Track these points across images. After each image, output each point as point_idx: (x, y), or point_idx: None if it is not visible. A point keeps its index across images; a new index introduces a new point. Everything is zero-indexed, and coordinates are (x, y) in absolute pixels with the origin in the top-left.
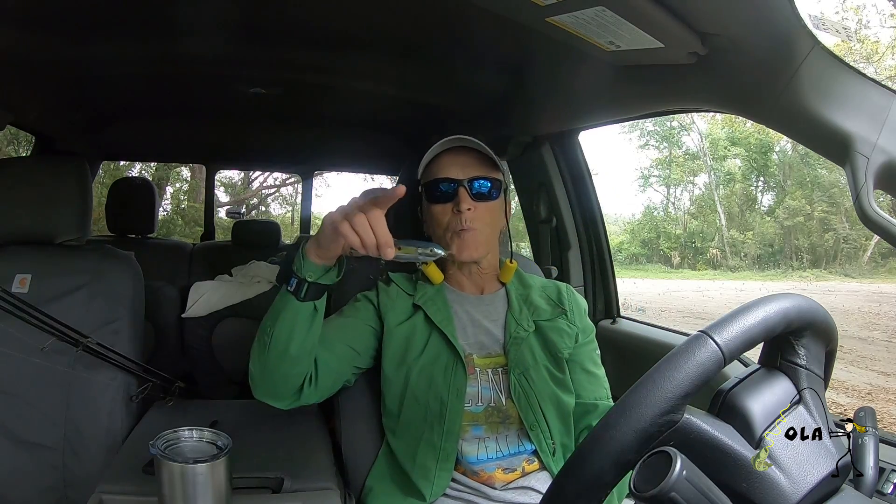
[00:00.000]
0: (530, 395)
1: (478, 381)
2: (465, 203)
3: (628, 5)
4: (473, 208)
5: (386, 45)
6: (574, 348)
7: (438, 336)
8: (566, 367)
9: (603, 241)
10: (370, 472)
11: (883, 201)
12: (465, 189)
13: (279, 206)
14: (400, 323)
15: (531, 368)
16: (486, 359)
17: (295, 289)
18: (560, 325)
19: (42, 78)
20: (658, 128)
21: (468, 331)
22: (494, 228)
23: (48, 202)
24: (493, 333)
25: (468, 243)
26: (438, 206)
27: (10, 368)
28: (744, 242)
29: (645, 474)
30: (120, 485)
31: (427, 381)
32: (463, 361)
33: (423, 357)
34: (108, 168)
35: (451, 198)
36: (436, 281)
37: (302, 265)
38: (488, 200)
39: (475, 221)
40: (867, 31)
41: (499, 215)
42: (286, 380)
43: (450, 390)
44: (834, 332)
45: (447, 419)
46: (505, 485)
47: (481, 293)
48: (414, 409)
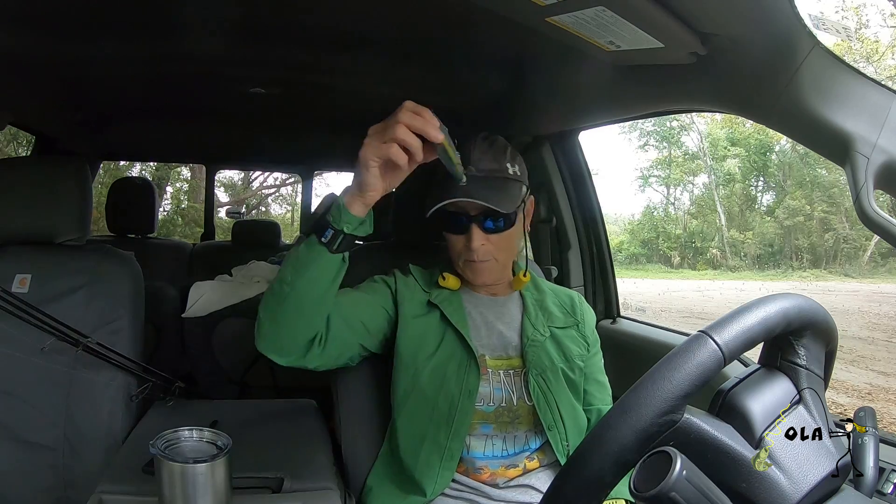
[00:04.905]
0: (549, 396)
1: (490, 382)
2: (476, 240)
3: (628, 5)
4: (486, 241)
5: (386, 45)
6: (586, 359)
7: (453, 335)
8: (582, 373)
9: (603, 241)
10: (370, 471)
11: (883, 201)
12: (476, 226)
13: (279, 206)
14: (415, 317)
15: (549, 370)
16: (498, 360)
17: (329, 240)
18: (573, 334)
19: (42, 78)
20: (658, 128)
21: (482, 332)
22: (510, 252)
23: (48, 202)
24: (506, 336)
25: (481, 274)
26: (451, 235)
27: (10, 368)
28: (744, 242)
29: (645, 474)
30: (120, 485)
31: (439, 380)
32: (477, 362)
33: (435, 356)
34: (108, 168)
35: (462, 230)
36: (454, 288)
37: (340, 216)
38: (502, 231)
39: (489, 253)
40: (867, 30)
41: (515, 240)
42: (296, 334)
43: (462, 390)
44: (834, 332)
45: (456, 419)
46: (507, 481)
47: (494, 295)
48: (420, 406)
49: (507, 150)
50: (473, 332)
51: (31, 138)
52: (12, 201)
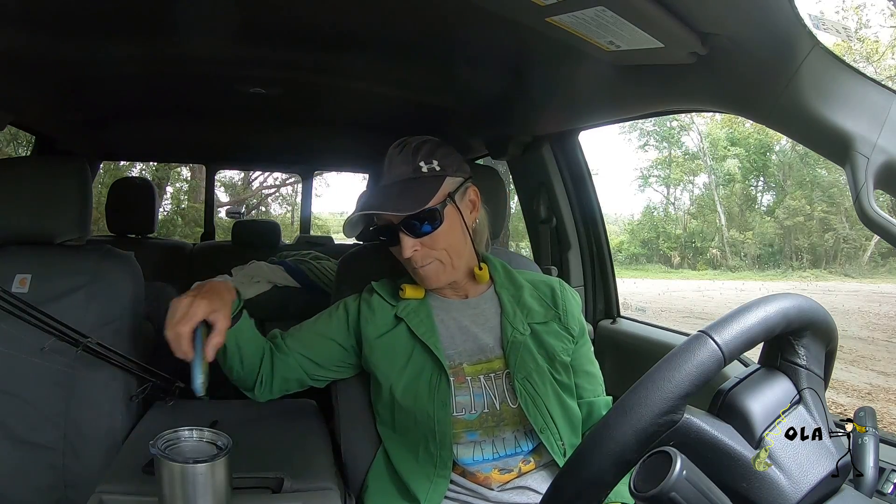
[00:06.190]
0: (536, 399)
1: (469, 390)
2: (407, 247)
3: (628, 5)
4: (419, 246)
5: (386, 45)
6: (572, 352)
7: (422, 349)
8: (569, 370)
9: (603, 241)
10: (369, 471)
11: (883, 201)
12: (402, 233)
13: (279, 206)
14: (380, 335)
15: (534, 372)
16: (477, 365)
17: None
18: (555, 328)
19: (42, 78)
20: (658, 128)
21: (456, 339)
22: (453, 249)
23: (48, 202)
24: (482, 339)
25: (429, 277)
26: (390, 247)
27: (10, 368)
28: (744, 242)
29: (645, 474)
30: (120, 485)
31: (412, 396)
32: (447, 373)
33: (406, 372)
34: (108, 168)
35: (395, 241)
36: (418, 297)
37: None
38: (433, 231)
39: (427, 256)
40: (867, 30)
41: (452, 237)
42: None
43: (435, 404)
44: (834, 332)
45: (437, 431)
46: (502, 485)
47: (466, 297)
48: (406, 420)
49: (421, 149)
50: (447, 340)
51: (31, 138)
52: (12, 201)
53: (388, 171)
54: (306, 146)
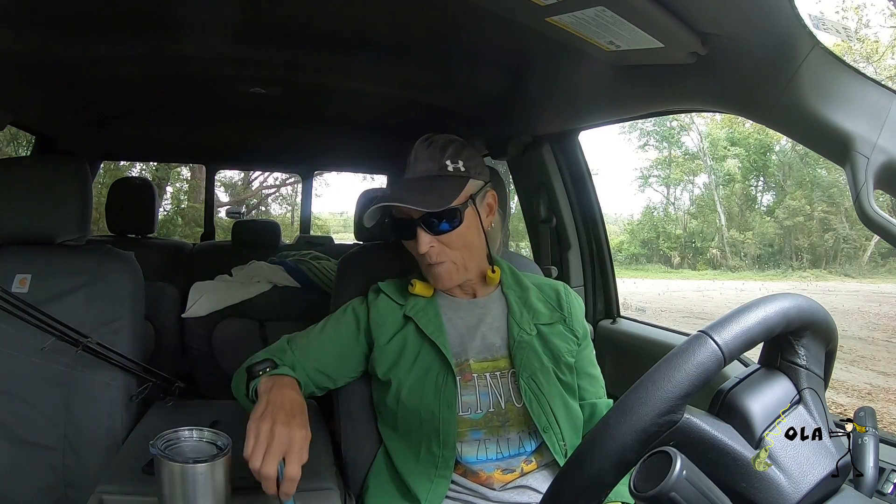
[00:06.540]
0: (541, 398)
1: (475, 388)
2: (423, 243)
3: (628, 5)
4: (435, 243)
5: (386, 45)
6: (576, 354)
7: (430, 347)
8: (573, 371)
9: (603, 241)
10: (370, 471)
11: (883, 201)
12: (421, 228)
13: (279, 206)
14: (391, 339)
15: (539, 371)
16: (483, 363)
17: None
18: (560, 329)
19: (42, 78)
20: (658, 128)
21: (463, 337)
22: (468, 251)
23: (48, 202)
24: (489, 338)
25: (441, 277)
26: (405, 241)
27: (10, 368)
28: (744, 242)
29: (645, 474)
30: (120, 485)
31: (418, 395)
32: (454, 372)
33: (413, 371)
34: (108, 168)
35: (411, 235)
36: (426, 296)
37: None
38: (451, 230)
39: (442, 255)
40: (867, 30)
41: (469, 238)
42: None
43: (441, 402)
44: (834, 332)
45: (441, 431)
46: (504, 485)
47: (474, 297)
48: (410, 420)
49: (448, 148)
50: (454, 338)
51: (31, 138)
52: (12, 201)
53: (414, 166)
54: (306, 146)
